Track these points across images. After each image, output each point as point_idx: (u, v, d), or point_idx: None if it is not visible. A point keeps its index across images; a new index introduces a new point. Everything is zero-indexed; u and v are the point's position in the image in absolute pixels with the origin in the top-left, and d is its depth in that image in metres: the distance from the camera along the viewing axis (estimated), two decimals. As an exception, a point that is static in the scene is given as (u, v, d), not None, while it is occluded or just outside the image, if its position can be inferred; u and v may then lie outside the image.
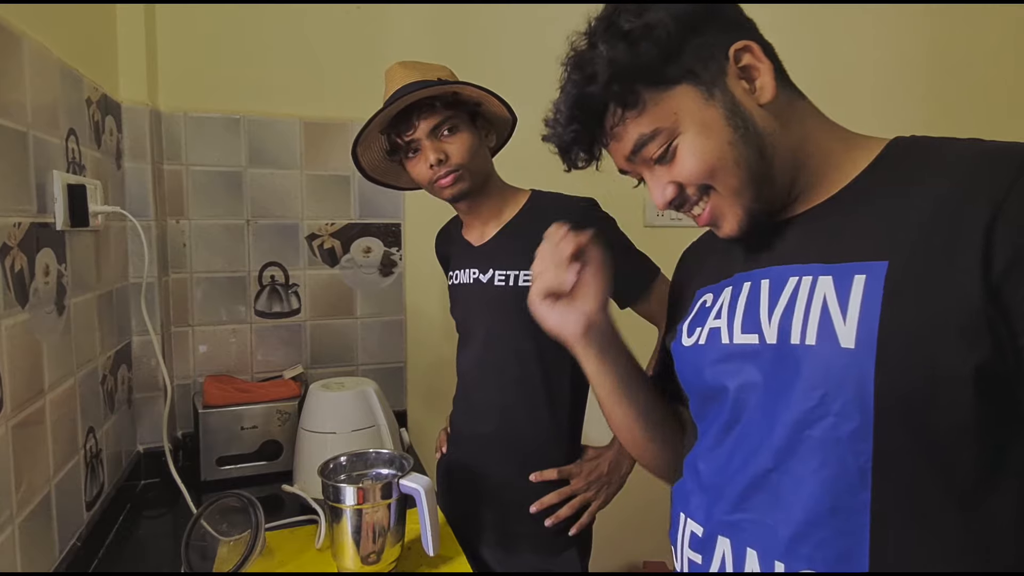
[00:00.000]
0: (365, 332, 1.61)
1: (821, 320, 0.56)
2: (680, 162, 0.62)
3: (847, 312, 0.54)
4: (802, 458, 0.56)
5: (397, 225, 1.61)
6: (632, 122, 0.62)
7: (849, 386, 0.53)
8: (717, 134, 0.60)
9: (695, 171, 0.61)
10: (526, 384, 1.13)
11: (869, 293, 0.54)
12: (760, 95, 0.61)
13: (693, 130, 0.61)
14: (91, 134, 1.11)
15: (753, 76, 0.61)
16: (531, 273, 0.78)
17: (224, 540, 0.99)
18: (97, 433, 1.10)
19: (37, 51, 0.88)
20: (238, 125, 1.48)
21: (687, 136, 0.61)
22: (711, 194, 0.63)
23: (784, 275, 0.61)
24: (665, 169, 0.63)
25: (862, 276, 0.54)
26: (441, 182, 1.08)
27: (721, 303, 0.68)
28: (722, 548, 0.61)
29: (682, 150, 0.61)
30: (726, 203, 0.63)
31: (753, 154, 0.60)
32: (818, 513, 0.54)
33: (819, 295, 0.57)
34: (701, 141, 0.60)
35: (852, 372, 0.53)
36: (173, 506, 1.22)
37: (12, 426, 0.77)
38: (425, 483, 0.93)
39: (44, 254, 0.88)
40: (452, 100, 1.08)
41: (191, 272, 1.48)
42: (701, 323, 0.70)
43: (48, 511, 0.88)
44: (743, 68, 0.61)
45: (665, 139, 0.61)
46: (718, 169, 0.61)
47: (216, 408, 1.34)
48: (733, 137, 0.60)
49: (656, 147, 0.62)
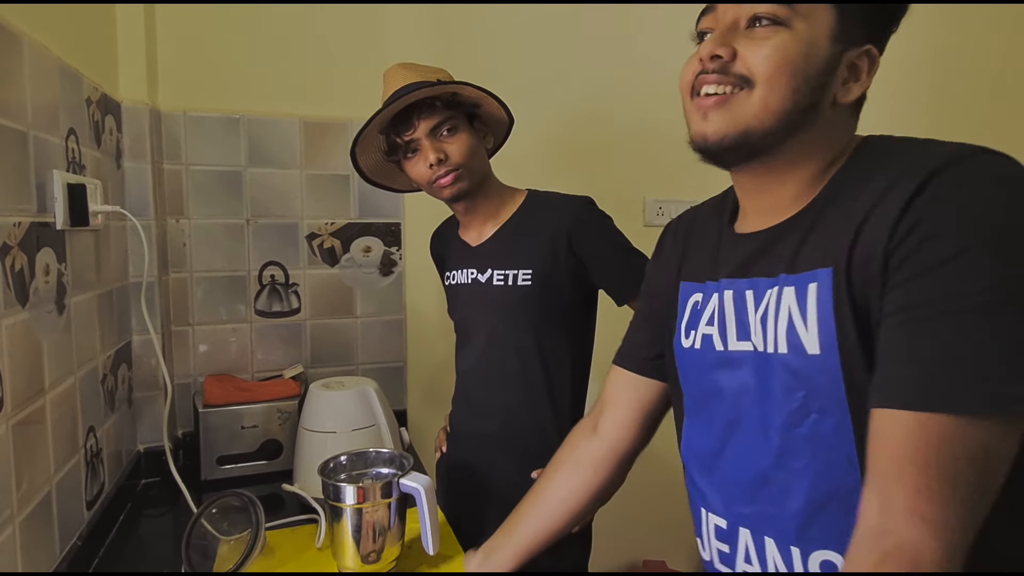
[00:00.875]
0: (365, 331, 1.61)
1: (788, 330, 0.60)
2: (764, 44, 0.59)
3: (807, 320, 0.58)
4: (796, 455, 0.60)
5: (397, 224, 1.61)
6: None
7: (824, 387, 0.57)
8: (808, 62, 0.59)
9: (767, 62, 0.59)
10: (527, 382, 1.14)
11: (822, 300, 0.57)
12: (841, 93, 0.62)
13: (801, 37, 0.59)
14: (91, 133, 1.11)
15: (852, 77, 0.62)
16: (529, 272, 0.80)
17: (224, 539, 0.99)
18: (97, 432, 1.10)
19: (37, 51, 0.89)
20: (238, 124, 1.48)
21: (796, 34, 0.59)
22: (742, 91, 0.61)
23: (763, 287, 0.64)
24: (743, 33, 0.61)
25: (815, 284, 0.58)
26: (441, 182, 1.09)
27: (712, 310, 0.70)
28: (744, 538, 0.67)
29: (779, 39, 0.59)
30: (746, 106, 0.61)
31: (805, 102, 0.60)
32: (818, 500, 0.59)
33: (784, 306, 0.60)
34: (797, 49, 0.59)
35: (824, 376, 0.57)
36: (173, 505, 1.22)
37: (12, 425, 0.77)
38: (425, 482, 0.93)
39: (44, 253, 0.88)
40: (452, 101, 1.08)
41: (191, 271, 1.48)
42: (695, 326, 0.72)
43: (49, 510, 0.88)
44: (854, 64, 0.62)
45: (781, 13, 0.59)
46: (781, 77, 0.59)
47: (216, 407, 1.34)
48: (811, 79, 0.60)
49: (768, 8, 0.59)
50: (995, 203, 0.50)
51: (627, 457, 0.89)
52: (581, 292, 1.14)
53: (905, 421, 0.50)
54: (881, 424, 0.52)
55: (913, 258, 0.51)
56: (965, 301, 0.49)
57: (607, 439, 0.88)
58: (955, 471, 0.49)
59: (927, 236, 0.51)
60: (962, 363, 0.49)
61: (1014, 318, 0.48)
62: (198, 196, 1.47)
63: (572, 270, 1.11)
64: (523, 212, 1.17)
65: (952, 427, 0.48)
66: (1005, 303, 0.48)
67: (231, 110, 1.48)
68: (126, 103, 1.31)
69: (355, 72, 1.52)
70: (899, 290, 0.52)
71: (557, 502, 0.89)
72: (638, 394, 0.86)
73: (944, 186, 0.51)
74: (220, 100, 1.47)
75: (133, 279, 1.32)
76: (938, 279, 0.50)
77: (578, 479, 0.89)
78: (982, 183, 0.51)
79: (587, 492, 0.88)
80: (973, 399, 0.48)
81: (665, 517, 1.87)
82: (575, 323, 1.16)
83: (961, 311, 0.49)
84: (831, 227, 0.58)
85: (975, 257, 0.49)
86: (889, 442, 0.51)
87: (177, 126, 1.44)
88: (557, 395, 1.14)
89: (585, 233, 1.11)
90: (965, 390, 0.48)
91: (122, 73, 1.31)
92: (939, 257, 0.50)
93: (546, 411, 1.13)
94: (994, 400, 0.48)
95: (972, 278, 0.49)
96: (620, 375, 0.88)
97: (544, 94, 1.67)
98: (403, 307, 1.64)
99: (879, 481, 0.52)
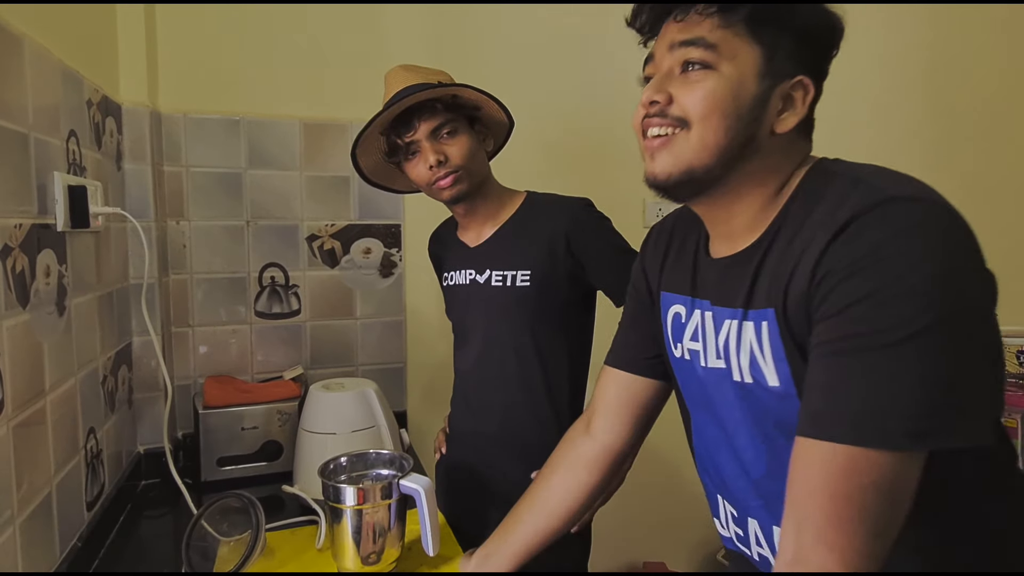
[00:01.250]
0: (365, 333, 1.62)
1: (751, 362, 0.64)
2: (695, 88, 0.64)
3: (764, 355, 0.62)
4: (780, 465, 0.63)
5: (397, 226, 1.61)
6: (708, 23, 0.64)
7: (789, 415, 0.60)
8: (740, 102, 0.63)
9: (698, 104, 0.63)
10: (526, 382, 1.14)
11: (773, 337, 0.61)
12: (778, 123, 0.65)
13: (730, 79, 0.63)
14: (92, 135, 1.12)
15: (787, 107, 0.65)
16: (528, 273, 0.81)
17: (224, 540, 0.99)
18: (98, 433, 1.10)
19: (38, 53, 0.89)
20: (238, 126, 1.49)
21: (723, 76, 0.63)
22: (682, 131, 0.65)
23: (724, 316, 0.68)
24: (681, 83, 0.65)
25: (765, 323, 0.62)
26: (440, 183, 1.09)
27: (695, 325, 0.74)
28: (753, 527, 0.72)
29: (708, 82, 0.63)
30: (685, 145, 0.65)
31: (740, 138, 0.64)
32: None
33: (746, 339, 0.64)
34: (726, 91, 0.63)
35: (786, 404, 0.61)
36: (173, 506, 1.22)
37: (13, 426, 0.77)
38: (425, 483, 0.93)
39: (45, 255, 0.89)
40: (452, 103, 1.09)
41: (191, 273, 1.48)
42: (680, 339, 0.76)
43: (49, 511, 0.88)
44: (789, 95, 0.65)
45: (711, 59, 0.63)
46: (713, 117, 0.63)
47: (216, 408, 1.34)
48: (743, 115, 0.63)
49: (699, 54, 0.64)
50: (901, 249, 0.53)
51: (621, 456, 0.90)
52: (579, 293, 1.15)
53: (820, 450, 0.54)
54: (799, 452, 0.56)
55: (829, 299, 0.55)
56: (874, 339, 0.52)
57: (600, 439, 0.89)
58: (863, 500, 0.52)
59: (841, 279, 0.54)
60: (870, 400, 0.52)
61: (917, 358, 0.51)
62: (198, 198, 1.47)
63: (570, 271, 1.11)
64: (522, 213, 1.17)
65: (862, 459, 0.52)
66: (910, 343, 0.51)
67: (231, 112, 1.48)
68: (127, 105, 1.32)
69: (354, 74, 1.53)
70: (819, 326, 0.56)
71: (554, 504, 0.89)
72: (630, 393, 0.88)
73: (856, 233, 0.55)
74: (220, 102, 1.47)
75: (133, 280, 1.32)
76: (849, 319, 0.54)
77: (574, 480, 0.89)
78: (890, 230, 0.53)
79: (583, 492, 0.89)
80: (879, 435, 0.52)
81: (665, 518, 1.87)
82: (573, 323, 1.16)
83: (871, 349, 0.52)
84: (775, 267, 0.62)
85: (881, 300, 0.52)
86: (806, 470, 0.55)
87: (177, 128, 1.44)
88: (556, 395, 1.14)
89: (584, 234, 1.11)
90: (874, 426, 0.52)
91: (123, 75, 1.32)
92: (850, 299, 0.53)
93: (545, 411, 1.13)
94: (898, 437, 0.51)
95: (879, 319, 0.52)
96: (611, 375, 0.90)
97: (543, 96, 1.67)
98: (403, 308, 1.64)
99: (795, 511, 0.56)
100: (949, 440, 0.51)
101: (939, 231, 0.53)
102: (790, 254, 0.60)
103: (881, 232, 0.53)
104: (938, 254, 0.52)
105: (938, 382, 0.51)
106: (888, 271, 0.52)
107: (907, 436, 0.51)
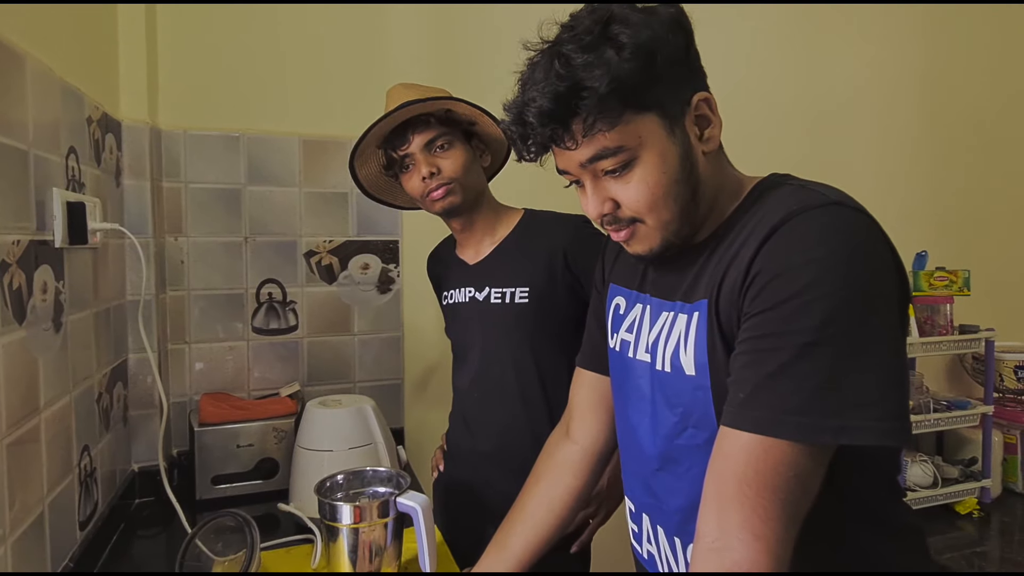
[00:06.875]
0: (362, 349, 1.61)
1: (673, 352, 0.67)
2: (629, 186, 0.65)
3: (687, 344, 0.65)
4: (676, 461, 0.69)
5: (395, 242, 1.62)
6: (601, 135, 0.63)
7: (698, 406, 0.65)
8: (671, 168, 0.64)
9: (641, 200, 0.65)
10: (525, 400, 1.13)
11: (699, 328, 0.64)
12: (707, 144, 0.66)
13: (652, 160, 0.64)
14: (91, 152, 1.12)
15: (703, 127, 0.66)
16: (527, 290, 0.85)
17: (219, 560, 0.98)
18: (92, 451, 1.09)
19: (39, 70, 0.89)
20: (237, 143, 1.49)
21: (645, 162, 0.64)
22: (640, 224, 0.67)
23: (660, 308, 0.71)
24: (611, 183, 0.66)
25: (697, 312, 0.65)
26: (432, 195, 1.10)
27: (633, 318, 0.76)
28: (645, 524, 0.76)
29: (636, 174, 0.64)
30: (650, 231, 0.68)
31: (688, 194, 0.66)
32: (694, 501, 0.63)
33: (676, 331, 0.67)
34: (656, 172, 0.64)
35: (698, 395, 0.65)
36: (168, 525, 1.21)
37: (7, 444, 0.76)
38: (422, 501, 0.92)
39: (42, 271, 0.88)
40: (446, 117, 1.10)
41: (189, 289, 1.48)
42: (617, 330, 0.79)
43: (41, 530, 0.87)
44: (699, 116, 0.66)
45: (625, 158, 0.64)
46: (659, 201, 0.65)
47: (212, 426, 1.33)
48: (680, 175, 0.65)
49: (612, 163, 0.64)
50: (820, 254, 0.56)
51: (604, 456, 0.91)
52: (578, 309, 1.14)
53: (743, 442, 0.57)
54: (723, 442, 0.59)
55: (759, 297, 0.58)
56: (794, 339, 0.55)
57: (581, 442, 0.91)
58: (785, 490, 0.55)
59: (769, 279, 0.57)
60: (796, 395, 0.55)
61: (832, 358, 0.54)
62: (197, 214, 1.47)
63: (569, 287, 1.12)
64: (520, 231, 1.18)
65: (781, 451, 0.55)
66: (826, 344, 0.54)
67: (231, 128, 1.49)
68: (126, 122, 1.32)
69: (354, 91, 1.54)
70: (746, 323, 0.59)
71: (544, 512, 0.89)
72: (599, 393, 0.89)
73: (782, 237, 0.58)
74: (220, 119, 1.48)
75: (130, 297, 1.32)
76: (772, 319, 0.57)
77: (561, 486, 0.90)
78: (811, 235, 0.57)
79: (571, 497, 0.90)
80: (804, 430, 0.55)
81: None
82: (572, 340, 1.16)
83: (790, 346, 0.55)
84: (715, 264, 0.65)
85: (801, 302, 0.55)
86: (731, 458, 0.57)
87: (177, 144, 1.45)
88: (555, 412, 1.13)
89: (582, 251, 1.12)
90: (800, 421, 0.55)
91: (123, 92, 1.32)
92: (776, 299, 0.57)
93: (544, 428, 1.12)
94: (810, 431, 0.55)
95: (798, 320, 0.55)
96: (583, 376, 0.92)
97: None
98: (401, 324, 1.63)
99: (718, 497, 0.58)
100: (868, 437, 0.54)
101: (861, 236, 0.57)
102: (730, 251, 0.63)
103: (800, 239, 0.57)
104: (858, 257, 0.56)
105: (857, 380, 0.54)
106: (812, 274, 0.55)
107: (830, 431, 0.54)
